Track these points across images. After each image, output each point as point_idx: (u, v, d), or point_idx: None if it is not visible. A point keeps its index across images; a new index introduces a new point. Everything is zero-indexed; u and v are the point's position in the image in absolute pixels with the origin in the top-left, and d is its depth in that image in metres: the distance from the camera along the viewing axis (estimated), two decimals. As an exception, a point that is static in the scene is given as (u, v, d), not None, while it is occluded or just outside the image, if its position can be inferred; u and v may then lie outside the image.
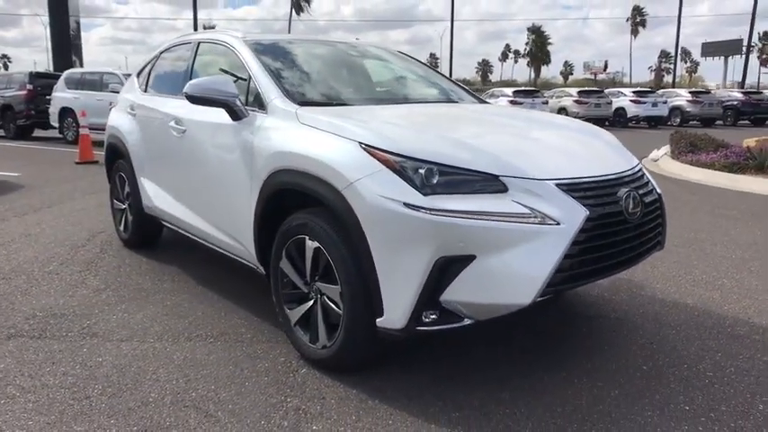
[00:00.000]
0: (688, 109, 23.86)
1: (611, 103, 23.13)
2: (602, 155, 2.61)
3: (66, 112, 13.30)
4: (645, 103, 23.16)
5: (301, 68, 3.31)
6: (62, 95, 13.38)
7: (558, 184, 2.17)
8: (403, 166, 2.14)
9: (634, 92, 24.33)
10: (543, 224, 2.07)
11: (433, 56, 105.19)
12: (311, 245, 2.43)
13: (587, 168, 2.36)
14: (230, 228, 3.06)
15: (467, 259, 2.03)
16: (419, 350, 2.68)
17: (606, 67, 78.61)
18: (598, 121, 21.83)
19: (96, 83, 13.05)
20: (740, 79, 46.11)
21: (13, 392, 2.34)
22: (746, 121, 25.34)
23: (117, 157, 4.51)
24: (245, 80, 3.04)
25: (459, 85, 3.97)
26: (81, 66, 24.15)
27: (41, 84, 14.37)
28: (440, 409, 2.21)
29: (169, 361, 2.62)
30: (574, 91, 23.70)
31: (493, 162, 2.18)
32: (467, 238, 2.02)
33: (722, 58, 57.96)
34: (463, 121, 2.97)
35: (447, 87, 3.78)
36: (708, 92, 26.32)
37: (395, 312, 2.13)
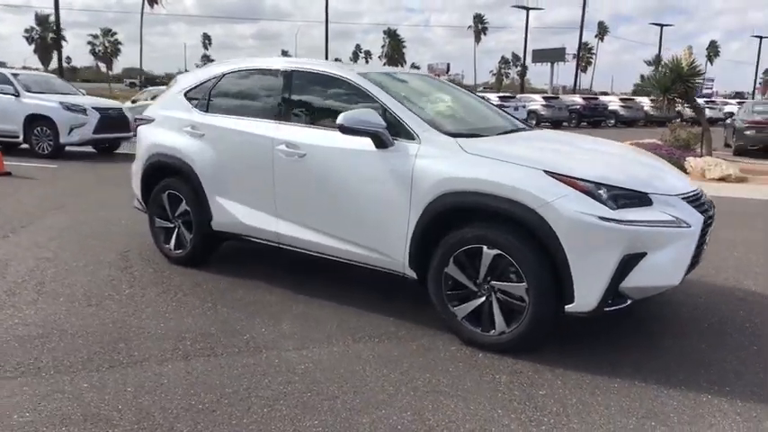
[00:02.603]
0: (542, 112, 27.23)
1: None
2: (681, 175, 3.52)
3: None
4: (508, 107, 25.91)
5: (423, 100, 3.82)
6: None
7: (682, 198, 3.02)
8: (589, 189, 2.83)
9: (500, 97, 27.16)
10: (680, 227, 2.90)
11: (285, 53, 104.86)
12: (490, 252, 3.01)
13: (686, 186, 3.24)
14: (371, 242, 3.46)
15: (641, 256, 2.79)
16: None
17: (449, 69, 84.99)
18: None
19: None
20: (563, 84, 53.23)
21: (254, 402, 2.60)
22: (585, 123, 29.52)
23: (165, 176, 4.52)
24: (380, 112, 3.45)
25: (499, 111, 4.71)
26: None
27: None
28: (610, 370, 2.94)
29: (364, 360, 3.00)
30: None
31: (642, 183, 2.97)
32: (643, 240, 2.78)
33: (548, 63, 66.06)
34: (569, 147, 3.68)
35: (504, 115, 4.48)
36: (557, 97, 30.19)
37: (586, 299, 2.82)
